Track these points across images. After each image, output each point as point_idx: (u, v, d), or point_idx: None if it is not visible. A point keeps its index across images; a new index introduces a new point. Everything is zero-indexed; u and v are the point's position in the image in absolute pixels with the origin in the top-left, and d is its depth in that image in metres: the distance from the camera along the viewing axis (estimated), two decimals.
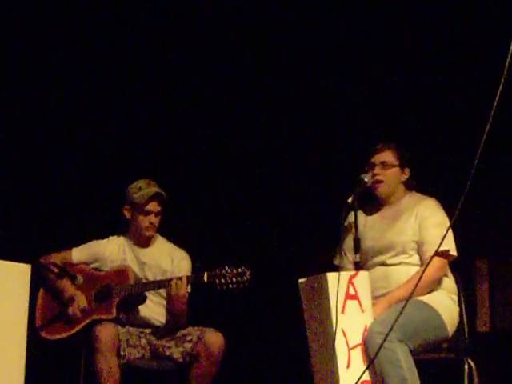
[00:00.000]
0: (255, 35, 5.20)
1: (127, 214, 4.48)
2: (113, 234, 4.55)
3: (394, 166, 4.04)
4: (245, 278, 4.10)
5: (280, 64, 5.18)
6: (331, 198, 4.22)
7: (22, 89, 5.09)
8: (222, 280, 4.10)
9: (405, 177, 4.08)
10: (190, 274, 4.39)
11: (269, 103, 5.24)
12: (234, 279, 4.10)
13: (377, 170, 4.03)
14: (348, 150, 4.85)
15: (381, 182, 4.03)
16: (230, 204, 5.30)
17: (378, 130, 4.73)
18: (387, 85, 4.90)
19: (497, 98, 2.49)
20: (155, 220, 4.45)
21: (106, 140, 5.30)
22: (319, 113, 5.12)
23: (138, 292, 4.30)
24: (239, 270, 4.11)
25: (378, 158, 4.04)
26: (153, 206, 4.43)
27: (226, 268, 4.13)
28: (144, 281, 4.40)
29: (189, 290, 4.20)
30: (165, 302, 4.43)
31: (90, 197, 5.21)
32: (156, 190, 4.42)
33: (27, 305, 3.42)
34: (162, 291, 4.36)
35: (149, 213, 4.42)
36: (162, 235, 4.60)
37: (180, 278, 4.18)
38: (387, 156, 4.04)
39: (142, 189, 4.43)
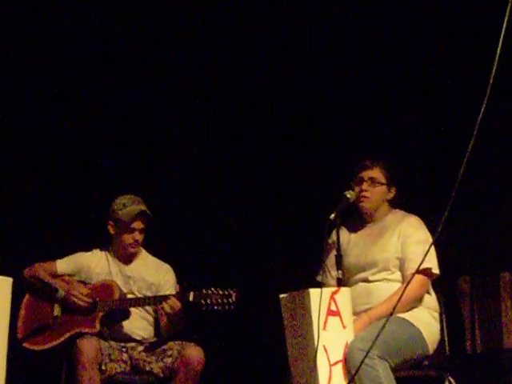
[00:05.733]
0: (246, 48, 5.24)
1: (111, 229, 4.46)
2: (96, 247, 4.55)
3: (382, 184, 4.06)
4: (230, 300, 4.08)
5: (267, 74, 5.21)
6: (315, 214, 4.22)
7: (4, 98, 5.11)
8: (208, 301, 4.09)
9: (390, 195, 4.10)
10: (175, 285, 4.42)
11: (255, 120, 5.27)
12: (219, 300, 4.08)
13: (365, 185, 4.04)
14: (331, 166, 4.87)
15: (367, 198, 4.04)
16: (215, 221, 5.31)
17: (362, 147, 4.75)
18: (369, 101, 4.95)
19: (480, 114, 2.51)
20: (139, 237, 4.43)
21: (91, 152, 5.30)
22: (303, 130, 5.14)
23: (122, 308, 4.29)
24: (225, 291, 4.10)
25: (367, 174, 4.05)
26: (137, 224, 4.40)
27: (212, 289, 4.12)
28: (130, 295, 4.39)
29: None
30: (148, 316, 4.44)
31: (74, 210, 5.20)
32: (141, 207, 4.40)
33: (8, 317, 3.40)
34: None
35: (133, 230, 4.41)
36: (148, 252, 4.59)
37: (169, 297, 4.17)
38: (376, 173, 4.06)
39: (127, 206, 4.41)
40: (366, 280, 3.95)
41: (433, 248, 3.72)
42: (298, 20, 5.09)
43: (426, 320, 3.85)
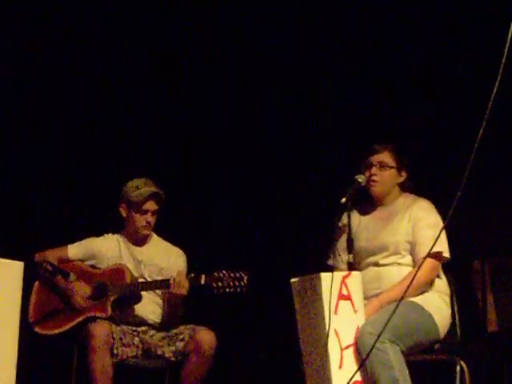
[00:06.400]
0: (247, 46, 5.24)
1: (123, 212, 4.47)
2: (108, 232, 4.56)
3: (391, 167, 4.04)
4: (242, 283, 4.11)
5: (273, 62, 5.20)
6: (325, 198, 4.22)
7: (14, 90, 5.11)
8: (219, 284, 4.11)
9: (401, 179, 4.08)
10: (185, 270, 4.40)
11: (264, 105, 5.27)
12: (231, 283, 4.11)
13: (374, 170, 4.02)
14: (342, 150, 4.86)
15: (376, 182, 4.03)
16: (226, 205, 5.31)
17: (373, 130, 4.73)
18: (381, 86, 4.92)
19: (491, 100, 2.50)
20: (152, 219, 4.44)
21: (103, 137, 5.31)
22: (313, 114, 5.13)
23: (134, 291, 4.30)
24: (237, 274, 4.12)
25: (376, 159, 4.04)
26: (150, 205, 4.42)
27: (224, 272, 4.14)
28: (141, 279, 4.40)
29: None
30: (159, 300, 4.44)
31: (85, 194, 5.21)
32: (153, 189, 4.42)
33: (20, 302, 3.42)
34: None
35: (146, 212, 4.42)
36: (159, 236, 4.60)
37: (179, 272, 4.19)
38: (385, 157, 4.04)
39: (140, 188, 4.43)
40: (376, 264, 3.94)
41: (443, 232, 3.70)
42: (298, 16, 5.07)
43: (437, 304, 3.84)
